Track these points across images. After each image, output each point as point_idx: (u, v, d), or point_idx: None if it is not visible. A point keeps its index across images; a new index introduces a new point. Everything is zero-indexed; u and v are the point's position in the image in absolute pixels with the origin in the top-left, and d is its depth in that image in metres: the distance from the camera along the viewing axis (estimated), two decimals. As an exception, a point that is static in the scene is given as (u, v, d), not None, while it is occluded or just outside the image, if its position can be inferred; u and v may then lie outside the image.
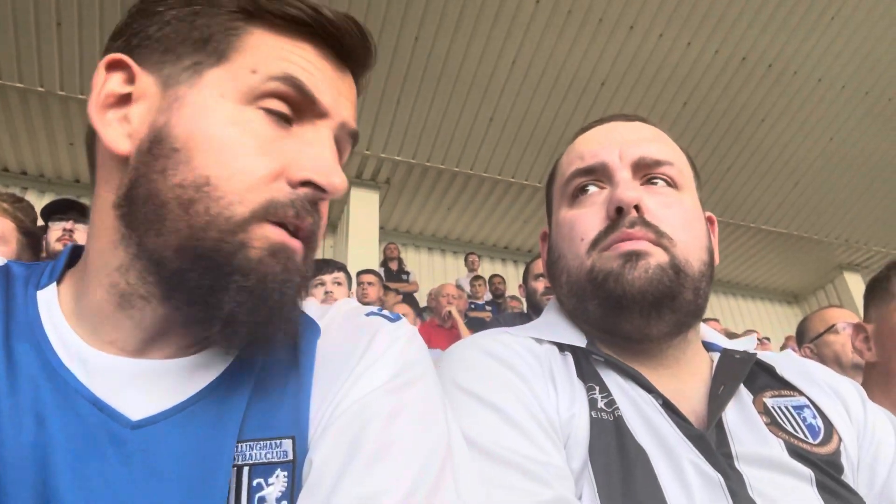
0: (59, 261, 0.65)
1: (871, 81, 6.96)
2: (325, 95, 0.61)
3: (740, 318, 10.40)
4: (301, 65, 0.59)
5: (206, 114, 0.56)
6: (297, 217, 0.57)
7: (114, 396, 0.55)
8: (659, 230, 0.79)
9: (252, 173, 0.55)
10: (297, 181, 0.57)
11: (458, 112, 6.93)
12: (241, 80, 0.57)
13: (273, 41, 0.59)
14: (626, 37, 6.33)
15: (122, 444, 0.53)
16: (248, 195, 0.54)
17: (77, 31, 5.68)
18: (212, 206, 0.54)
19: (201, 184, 0.54)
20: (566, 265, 0.85)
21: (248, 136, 0.56)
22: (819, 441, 0.76)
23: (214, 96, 0.57)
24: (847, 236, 9.21)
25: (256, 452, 0.56)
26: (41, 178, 7.43)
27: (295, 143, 0.59)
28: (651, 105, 6.85)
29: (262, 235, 0.55)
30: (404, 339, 0.66)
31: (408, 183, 7.94)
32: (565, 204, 0.88)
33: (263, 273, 0.55)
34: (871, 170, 8.04)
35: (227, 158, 0.55)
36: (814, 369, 0.89)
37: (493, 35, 6.21)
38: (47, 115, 6.50)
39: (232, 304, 0.54)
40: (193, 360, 0.60)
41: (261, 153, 0.56)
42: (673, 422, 0.73)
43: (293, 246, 0.57)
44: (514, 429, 0.69)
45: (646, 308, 0.77)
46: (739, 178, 8.00)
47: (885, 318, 1.31)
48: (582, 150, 0.88)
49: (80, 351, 0.57)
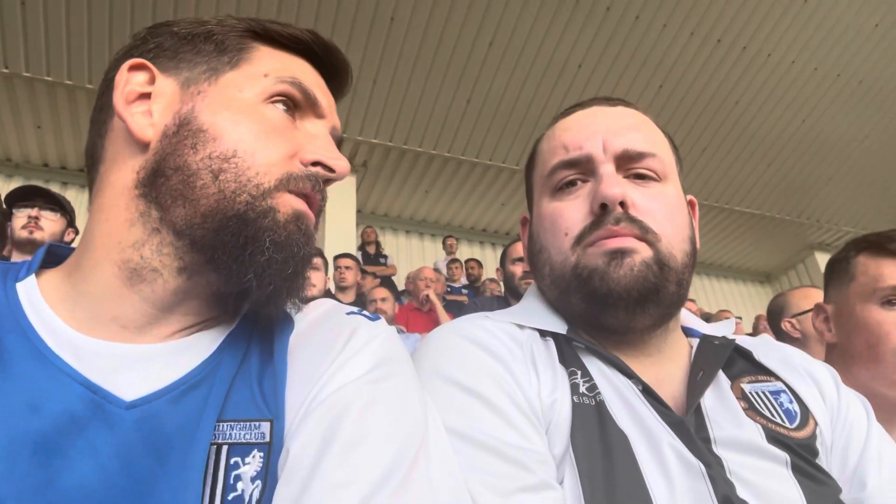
0: (37, 256, 0.67)
1: (843, 64, 7.06)
2: (324, 101, 0.71)
3: (714, 297, 10.58)
4: (302, 73, 0.70)
5: (227, 103, 0.64)
6: (314, 189, 0.66)
7: (107, 379, 0.57)
8: (644, 225, 0.78)
9: (273, 151, 0.63)
10: (308, 161, 0.66)
11: (435, 93, 6.89)
12: (255, 81, 0.66)
13: (278, 55, 0.70)
14: (602, 19, 6.33)
15: (116, 424, 0.54)
16: (271, 168, 0.63)
17: (42, 10, 5.52)
18: (241, 175, 0.61)
19: (230, 156, 0.61)
20: (549, 259, 0.85)
21: (265, 123, 0.64)
22: (795, 426, 0.77)
23: (233, 91, 0.65)
24: (818, 217, 9.39)
25: (236, 432, 0.58)
26: (8, 163, 7.25)
27: (302, 133, 0.68)
28: (627, 87, 6.88)
29: (286, 202, 0.63)
30: (383, 336, 0.69)
31: (385, 165, 7.90)
32: (547, 195, 0.87)
33: (289, 233, 0.62)
34: (842, 151, 8.19)
35: (250, 137, 0.62)
36: (791, 354, 0.90)
37: (470, 15, 6.17)
38: (13, 98, 6.33)
39: (266, 257, 0.60)
40: (183, 343, 0.63)
41: (277, 137, 0.64)
42: (653, 407, 0.74)
43: (310, 215, 0.66)
44: (496, 414, 0.70)
45: (631, 304, 0.77)
46: (714, 160, 8.09)
47: (845, 298, 1.30)
48: (565, 140, 0.86)
49: (70, 337, 0.59)
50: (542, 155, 0.91)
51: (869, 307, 1.24)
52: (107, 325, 0.60)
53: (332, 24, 6.00)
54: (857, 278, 1.28)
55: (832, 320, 1.34)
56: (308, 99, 0.69)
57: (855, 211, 9.28)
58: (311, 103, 0.69)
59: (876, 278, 1.24)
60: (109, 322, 0.60)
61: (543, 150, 0.91)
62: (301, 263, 0.64)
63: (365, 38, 6.21)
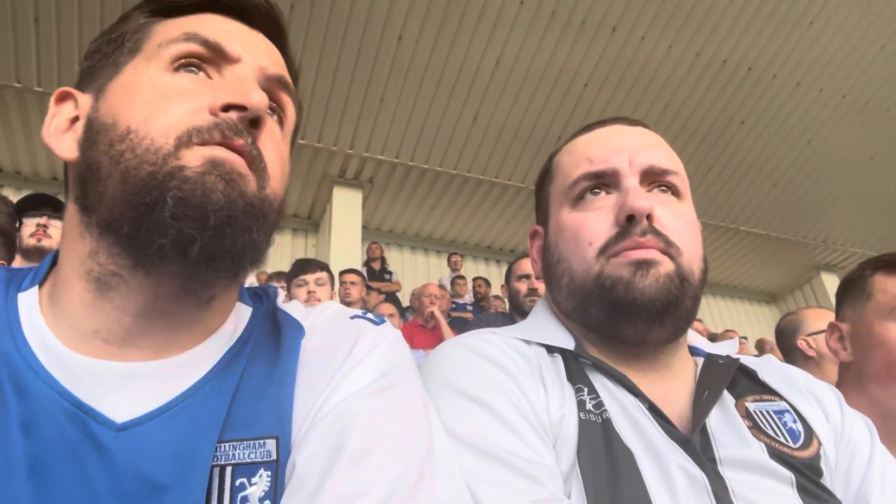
0: (42, 265, 0.65)
1: (848, 86, 7.08)
2: (233, 43, 0.64)
3: (719, 317, 10.52)
4: (202, 25, 0.64)
5: (124, 88, 0.61)
6: (224, 137, 0.57)
7: (97, 399, 0.55)
8: (668, 239, 0.79)
9: (171, 112, 0.58)
10: (217, 107, 0.59)
11: (441, 111, 6.93)
12: (151, 56, 0.62)
13: (176, 22, 0.65)
14: (608, 39, 6.37)
15: (107, 448, 0.52)
16: (170, 129, 0.57)
17: (55, 26, 5.59)
18: (137, 147, 0.56)
19: (124, 135, 0.57)
20: (569, 268, 0.85)
21: (162, 89, 0.60)
22: (799, 445, 0.77)
23: (131, 76, 0.62)
24: (824, 237, 9.36)
25: (240, 452, 0.56)
26: (18, 176, 7.31)
27: (216, 85, 0.62)
28: (633, 106, 6.90)
29: (196, 155, 0.56)
30: (388, 341, 0.67)
31: (391, 182, 7.92)
32: (567, 205, 0.87)
33: (202, 183, 0.55)
34: (848, 172, 8.18)
35: (144, 109, 0.58)
36: (794, 374, 0.90)
37: (477, 34, 6.22)
38: (24, 112, 6.39)
39: (168, 213, 0.53)
40: (178, 361, 0.60)
41: (177, 97, 0.59)
42: (659, 425, 0.74)
43: (231, 159, 0.57)
44: (505, 426, 0.69)
45: (652, 315, 0.78)
46: (719, 180, 8.09)
47: (862, 317, 1.30)
48: (589, 153, 0.87)
49: (60, 354, 0.57)
50: (563, 167, 0.91)
51: (887, 325, 1.24)
52: (89, 340, 0.58)
53: (341, 41, 6.07)
54: (875, 296, 1.28)
55: (847, 339, 1.34)
56: (211, 48, 0.63)
57: (861, 232, 9.25)
58: (218, 51, 0.63)
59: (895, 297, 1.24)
60: (90, 336, 0.58)
61: (564, 163, 0.92)
62: (228, 212, 0.55)
63: (373, 56, 6.27)
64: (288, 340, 0.66)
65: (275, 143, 0.64)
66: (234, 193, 0.56)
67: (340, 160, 7.41)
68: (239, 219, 0.56)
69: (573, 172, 0.87)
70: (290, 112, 0.71)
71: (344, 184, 7.74)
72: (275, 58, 0.69)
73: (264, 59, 0.66)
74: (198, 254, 0.54)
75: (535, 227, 0.98)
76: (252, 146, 0.59)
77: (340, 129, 6.98)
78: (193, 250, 0.54)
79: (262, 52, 0.67)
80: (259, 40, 0.68)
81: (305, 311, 0.72)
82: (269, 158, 0.62)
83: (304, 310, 0.72)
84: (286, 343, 0.65)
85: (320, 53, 6.14)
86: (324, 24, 5.93)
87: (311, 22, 5.87)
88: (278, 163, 0.64)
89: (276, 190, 0.63)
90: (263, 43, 0.69)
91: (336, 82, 6.43)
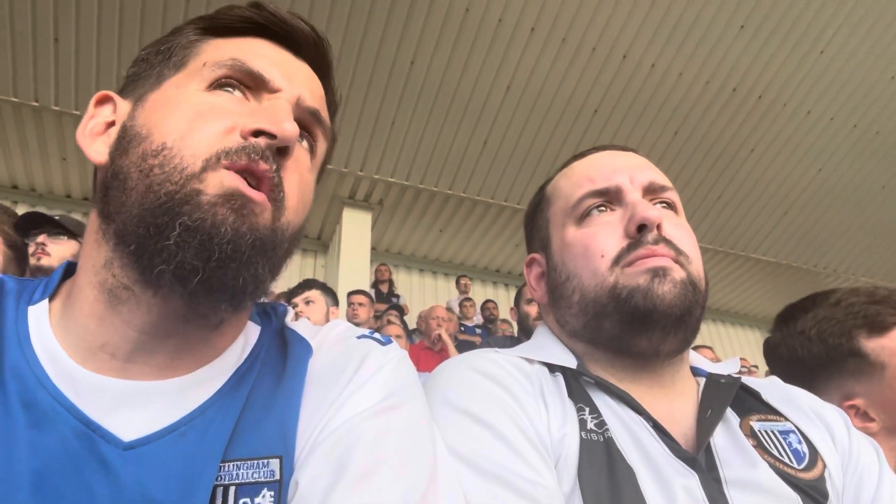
0: (54, 277, 0.65)
1: (859, 115, 7.08)
2: (275, 74, 0.65)
3: (729, 345, 10.42)
4: (249, 51, 0.65)
5: (164, 102, 0.61)
6: (251, 161, 0.57)
7: (105, 417, 0.55)
8: (678, 248, 0.81)
9: (205, 132, 0.58)
10: (248, 132, 0.59)
11: (452, 135, 6.98)
12: (194, 74, 0.63)
13: (228, 43, 0.66)
14: (619, 66, 6.42)
15: (112, 467, 0.52)
16: (201, 149, 0.57)
17: (74, 47, 5.70)
18: (167, 164, 0.56)
19: (158, 150, 0.57)
20: (580, 284, 0.85)
21: (200, 108, 0.60)
22: (804, 466, 0.77)
23: (172, 90, 0.62)
24: (835, 266, 9.29)
25: (243, 472, 0.56)
26: (32, 193, 7.40)
27: (252, 109, 0.62)
28: (643, 133, 6.93)
29: (217, 182, 0.55)
30: (394, 362, 0.67)
31: (400, 204, 7.96)
32: (572, 224, 0.88)
33: (213, 214, 0.54)
34: (859, 202, 8.14)
35: (182, 126, 0.58)
36: (798, 395, 0.90)
37: (488, 60, 6.29)
38: (40, 130, 6.49)
39: (172, 242, 0.53)
40: (186, 380, 0.60)
41: (213, 117, 0.59)
42: (664, 443, 0.74)
43: (249, 194, 0.57)
44: (506, 446, 0.69)
45: (670, 323, 0.78)
46: (729, 207, 8.07)
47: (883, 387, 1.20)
48: (589, 174, 0.89)
49: (69, 369, 0.57)
50: (562, 190, 0.93)
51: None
52: (96, 354, 0.58)
53: (355, 64, 6.15)
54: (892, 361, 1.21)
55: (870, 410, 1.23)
56: (253, 76, 0.63)
57: (873, 261, 9.18)
58: (259, 80, 0.64)
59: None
60: (98, 350, 0.58)
61: (562, 186, 0.93)
62: (234, 246, 0.55)
63: (385, 80, 6.35)
64: (295, 360, 0.65)
65: (299, 173, 0.64)
66: (243, 227, 0.56)
67: (351, 182, 7.46)
68: (245, 253, 0.56)
69: (575, 193, 0.88)
70: (321, 143, 0.71)
71: (354, 205, 7.79)
72: (315, 89, 0.69)
73: (304, 89, 0.66)
74: (197, 285, 0.54)
75: (532, 256, 0.99)
76: (276, 173, 0.59)
77: (352, 151, 7.03)
78: (193, 281, 0.54)
79: (302, 83, 0.67)
80: (302, 71, 0.69)
81: (314, 330, 0.72)
82: (289, 188, 0.61)
83: (312, 328, 0.72)
84: (293, 362, 0.65)
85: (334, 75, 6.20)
86: (338, 46, 6.02)
87: (324, 46, 5.95)
88: (298, 192, 0.63)
89: (291, 220, 0.62)
90: (306, 73, 0.69)
91: (349, 104, 6.50)
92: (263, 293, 0.61)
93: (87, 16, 5.52)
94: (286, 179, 0.61)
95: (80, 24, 5.55)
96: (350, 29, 5.88)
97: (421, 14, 5.89)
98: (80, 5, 5.46)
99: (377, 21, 5.88)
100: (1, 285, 0.63)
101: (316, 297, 3.07)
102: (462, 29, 6.02)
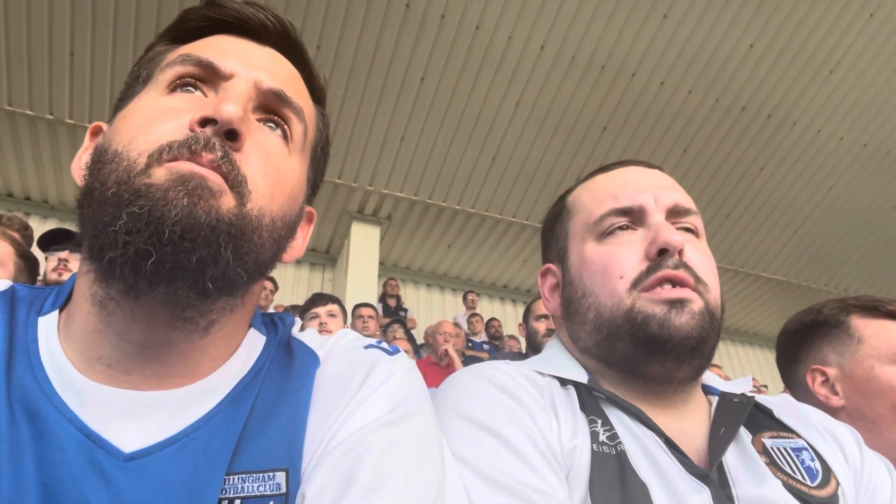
0: (65, 287, 0.65)
1: (870, 134, 7.06)
2: (229, 61, 0.64)
3: (738, 364, 10.32)
4: (202, 45, 0.66)
5: (126, 115, 0.62)
6: (192, 152, 0.55)
7: (106, 427, 0.54)
8: (697, 276, 0.80)
9: (154, 132, 0.58)
10: (195, 121, 0.58)
11: (461, 151, 7.01)
12: (153, 82, 0.64)
13: (187, 47, 0.66)
14: (627, 83, 6.44)
15: (112, 479, 0.52)
16: (146, 147, 0.57)
17: (89, 61, 5.79)
18: (118, 167, 0.56)
19: (112, 157, 0.57)
20: (596, 302, 0.84)
21: (155, 111, 0.60)
22: (817, 484, 0.76)
23: (136, 102, 0.63)
24: (846, 286, 9.21)
25: (249, 485, 0.55)
26: (44, 205, 7.47)
27: (205, 102, 0.62)
28: (652, 151, 6.93)
29: (163, 172, 0.55)
30: (401, 372, 0.66)
31: (409, 219, 7.98)
32: (592, 240, 0.87)
33: (164, 199, 0.53)
34: (870, 221, 8.09)
35: (133, 131, 0.58)
36: (811, 413, 0.89)
37: (497, 77, 6.33)
38: (54, 143, 6.57)
39: (125, 230, 0.52)
40: (189, 391, 0.59)
41: (167, 117, 0.59)
42: (677, 459, 0.73)
43: (201, 172, 0.55)
44: (517, 457, 0.68)
45: (684, 353, 0.77)
46: (739, 225, 8.04)
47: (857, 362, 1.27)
48: (613, 191, 0.88)
49: (73, 380, 0.56)
50: (584, 204, 0.91)
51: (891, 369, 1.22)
52: (94, 365, 0.57)
53: (365, 80, 6.20)
54: (868, 340, 1.27)
55: (837, 383, 1.30)
56: (205, 67, 0.63)
57: (883, 281, 9.09)
58: (210, 69, 0.63)
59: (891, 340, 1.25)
60: (95, 362, 0.57)
61: (584, 200, 0.92)
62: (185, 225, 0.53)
63: (395, 96, 6.39)
64: (302, 371, 0.65)
65: (264, 157, 0.61)
66: (197, 209, 0.54)
67: (360, 196, 7.50)
68: (200, 233, 0.54)
69: (598, 209, 0.87)
70: (295, 125, 0.67)
71: (362, 219, 7.81)
72: (278, 71, 0.68)
73: (261, 73, 0.65)
74: (151, 269, 0.52)
75: (548, 266, 0.98)
76: (224, 160, 0.56)
77: (361, 166, 7.07)
78: (146, 266, 0.52)
79: (262, 67, 0.65)
80: (263, 55, 0.68)
81: (321, 340, 0.71)
82: (250, 171, 0.59)
83: (319, 338, 0.72)
84: (300, 373, 0.64)
85: (344, 91, 6.27)
86: (349, 63, 6.07)
87: (336, 61, 6.02)
88: (266, 176, 0.61)
89: (264, 205, 0.60)
90: (268, 57, 0.68)
91: (358, 120, 6.55)
92: (236, 281, 0.58)
93: (103, 31, 5.61)
94: (244, 163, 0.59)
95: (95, 38, 5.64)
96: (361, 45, 5.94)
97: (432, 31, 5.95)
98: (96, 20, 5.55)
99: (388, 37, 5.94)
100: (13, 294, 0.63)
101: (338, 311, 3.14)
102: (472, 46, 6.07)
